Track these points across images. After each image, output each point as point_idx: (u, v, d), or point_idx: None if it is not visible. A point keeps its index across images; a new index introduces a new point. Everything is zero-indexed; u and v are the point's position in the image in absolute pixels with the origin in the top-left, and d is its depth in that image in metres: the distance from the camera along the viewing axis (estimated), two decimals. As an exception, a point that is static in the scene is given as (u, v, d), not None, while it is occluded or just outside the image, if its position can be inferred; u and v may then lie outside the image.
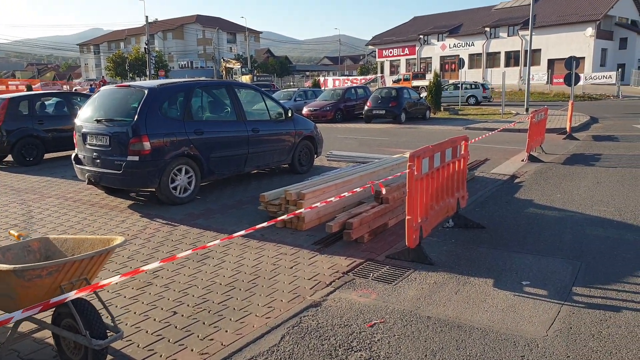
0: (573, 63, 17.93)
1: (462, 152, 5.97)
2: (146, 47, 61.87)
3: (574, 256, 4.90)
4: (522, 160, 10.53)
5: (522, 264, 4.73)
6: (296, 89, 26.81)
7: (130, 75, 75.78)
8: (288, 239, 5.55)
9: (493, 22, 52.72)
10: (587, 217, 6.28)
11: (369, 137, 15.91)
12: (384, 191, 5.60)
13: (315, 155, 9.90)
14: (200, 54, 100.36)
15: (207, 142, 7.38)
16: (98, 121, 7.14)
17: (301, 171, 9.32)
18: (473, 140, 8.32)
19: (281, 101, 24.64)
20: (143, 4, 66.15)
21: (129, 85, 7.74)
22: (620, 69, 39.62)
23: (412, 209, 4.55)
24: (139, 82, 8.41)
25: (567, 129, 14.42)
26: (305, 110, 22.41)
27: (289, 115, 8.95)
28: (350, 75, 65.65)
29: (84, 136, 7.27)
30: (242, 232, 3.78)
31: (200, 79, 14.12)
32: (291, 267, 4.72)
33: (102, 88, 8.13)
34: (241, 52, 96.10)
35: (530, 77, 46.45)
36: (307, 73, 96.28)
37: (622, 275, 4.40)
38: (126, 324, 3.61)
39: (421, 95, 22.72)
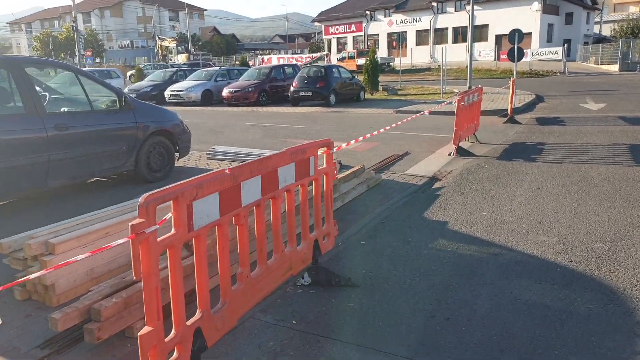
0: (516, 35, 16.04)
1: (325, 166, 3.69)
2: (73, 25, 56.79)
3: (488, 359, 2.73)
4: (450, 154, 8.44)
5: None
6: (217, 68, 23.99)
7: (62, 55, 69.97)
8: (4, 334, 3.13)
9: (440, -4, 50.88)
10: (518, 257, 4.16)
11: (284, 124, 13.52)
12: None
13: (178, 155, 7.45)
14: (141, 32, 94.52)
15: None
16: None
17: (152, 179, 6.85)
18: (362, 138, 6.11)
19: (201, 81, 21.98)
20: (68, -24, 60.29)
21: None
22: (566, 45, 38.66)
23: (176, 296, 2.25)
24: None
25: (509, 112, 12.49)
26: (225, 92, 19.77)
27: (126, 103, 6.42)
28: (297, 54, 62.66)
29: None
30: None
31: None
32: None
33: None
34: (185, 30, 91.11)
35: (477, 53, 45.42)
36: (258, 51, 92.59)
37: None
38: None
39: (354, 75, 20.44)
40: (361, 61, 44.58)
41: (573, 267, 3.88)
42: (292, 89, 18.54)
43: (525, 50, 39.29)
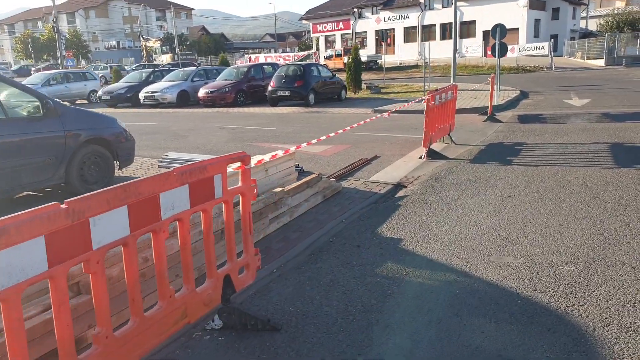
0: (497, 30, 15.50)
1: (240, 184, 3.07)
2: (54, 25, 55.68)
3: None
4: (420, 158, 7.85)
5: None
6: (194, 68, 23.24)
7: (44, 57, 68.81)
8: None
9: (427, -8, 50.34)
10: (475, 285, 3.56)
11: (256, 126, 12.86)
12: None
13: (119, 165, 6.80)
14: (128, 33, 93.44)
15: None
16: None
17: (87, 192, 6.18)
18: (316, 141, 5.49)
19: (177, 82, 21.24)
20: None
21: None
22: (552, 40, 38.26)
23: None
24: None
25: (488, 110, 11.91)
26: (201, 93, 19.09)
27: (50, 109, 5.76)
28: (285, 52, 61.95)
29: None
30: None
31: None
32: None
33: None
34: (172, 30, 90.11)
35: (465, 49, 44.98)
36: (248, 50, 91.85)
37: None
38: None
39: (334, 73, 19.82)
40: (347, 59, 44.17)
41: (537, 299, 3.28)
42: (269, 88, 17.89)
43: (511, 46, 38.88)
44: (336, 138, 10.03)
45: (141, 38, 56.66)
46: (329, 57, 44.90)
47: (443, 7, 49.01)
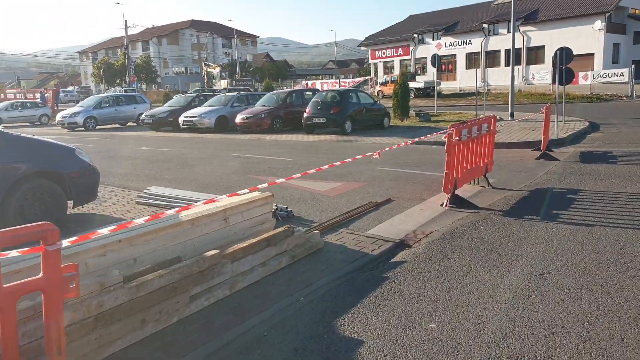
0: (557, 55, 13.69)
1: (41, 275, 1.85)
2: (125, 52, 58.63)
3: None
4: (442, 205, 6.34)
5: None
6: (235, 93, 22.72)
7: (117, 81, 72.58)
8: None
9: (492, 17, 48.12)
10: None
11: (273, 155, 11.73)
12: None
13: (73, 203, 5.85)
14: (195, 59, 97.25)
15: None
16: None
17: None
18: (300, 175, 4.25)
19: (216, 107, 20.74)
20: (122, 7, 62.52)
21: None
22: (634, 66, 34.81)
23: None
24: None
25: (542, 146, 10.09)
26: (238, 118, 18.40)
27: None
28: (341, 79, 61.52)
29: None
30: None
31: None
32: None
33: None
34: (238, 57, 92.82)
35: (531, 76, 42.16)
36: (311, 77, 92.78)
37: None
38: None
39: (375, 100, 18.51)
40: (405, 85, 42.73)
41: None
42: (305, 115, 16.86)
43: (584, 73, 35.88)
44: (351, 174, 8.71)
45: (203, 64, 58.22)
46: (384, 83, 43.72)
47: (508, 32, 46.48)
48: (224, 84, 50.40)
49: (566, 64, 14.77)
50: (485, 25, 47.93)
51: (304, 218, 5.97)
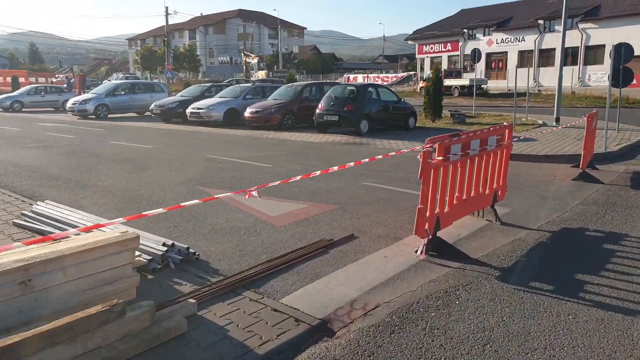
0: (614, 51, 11.27)
1: None
2: (164, 39, 58.53)
3: None
4: (417, 253, 4.46)
5: None
6: (249, 84, 21.12)
7: (159, 69, 72.99)
8: None
9: (548, 13, 44.36)
10: None
11: (252, 160, 9.99)
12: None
13: None
14: (241, 49, 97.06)
15: None
16: None
17: None
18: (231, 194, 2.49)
19: (226, 99, 19.18)
20: (166, -6, 62.24)
21: None
22: None
23: None
24: None
25: (580, 164, 7.87)
26: (247, 112, 16.83)
27: None
28: (383, 74, 59.14)
29: None
30: None
31: None
32: None
33: None
34: (284, 48, 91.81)
35: (587, 77, 38.47)
36: (357, 71, 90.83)
37: None
38: None
39: (400, 98, 16.45)
40: (449, 82, 40.05)
41: None
42: (317, 111, 15.06)
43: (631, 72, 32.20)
44: (328, 191, 6.90)
45: (242, 54, 57.33)
46: (426, 80, 41.11)
47: (565, 29, 42.80)
48: (261, 74, 49.22)
49: (625, 63, 12.33)
50: (541, 22, 44.34)
51: (210, 265, 4.25)
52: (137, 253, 4.10)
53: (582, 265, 4.19)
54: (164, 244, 4.26)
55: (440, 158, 4.24)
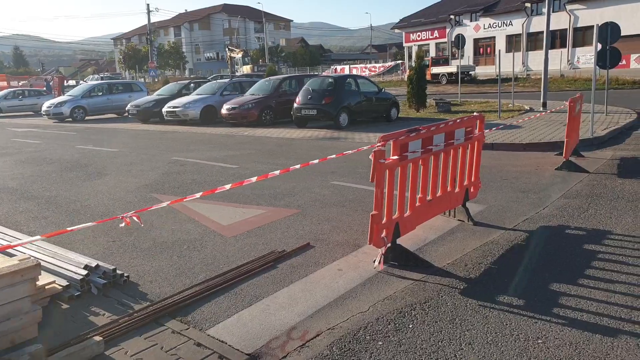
0: (600, 31, 10.79)
1: None
2: (147, 37, 57.62)
3: None
4: (375, 263, 3.97)
5: None
6: (226, 80, 20.51)
7: (145, 67, 71.97)
8: None
9: (535, -5, 43.83)
10: None
11: (218, 161, 9.46)
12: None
13: None
14: (227, 44, 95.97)
15: None
16: None
17: None
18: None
19: (203, 96, 18.47)
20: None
21: None
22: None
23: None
24: None
25: (564, 152, 7.38)
26: (223, 109, 16.25)
27: None
28: (371, 63, 58.54)
29: None
30: None
31: None
32: None
33: None
34: (271, 41, 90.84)
35: (576, 59, 38.01)
36: (350, 62, 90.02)
37: None
38: None
39: (380, 88, 15.92)
40: (436, 70, 39.52)
41: None
42: (294, 105, 14.51)
43: (638, 55, 31.71)
44: (291, 193, 6.40)
45: (227, 49, 56.49)
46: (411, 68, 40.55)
47: (553, 11, 42.24)
48: (246, 69, 48.45)
49: (612, 43, 11.85)
50: (528, 5, 43.78)
51: (139, 289, 3.74)
52: (51, 279, 3.60)
53: (558, 272, 3.71)
54: (85, 266, 3.75)
55: (396, 157, 3.74)
